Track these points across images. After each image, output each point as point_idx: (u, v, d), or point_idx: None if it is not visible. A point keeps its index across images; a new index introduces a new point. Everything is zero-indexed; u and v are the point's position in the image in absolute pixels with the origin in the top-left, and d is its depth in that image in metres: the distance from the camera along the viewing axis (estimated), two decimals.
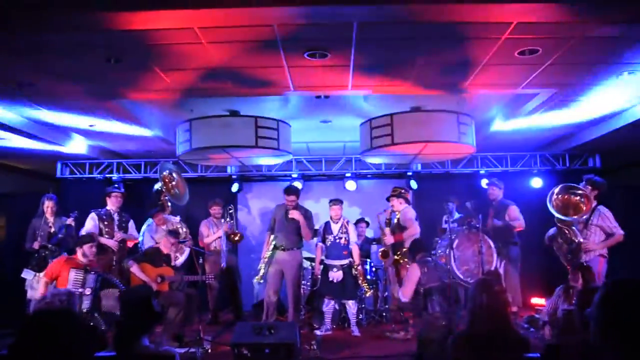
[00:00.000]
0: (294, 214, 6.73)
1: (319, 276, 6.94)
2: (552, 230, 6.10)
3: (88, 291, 5.48)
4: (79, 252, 5.61)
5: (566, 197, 5.78)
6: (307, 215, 6.88)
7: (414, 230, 6.67)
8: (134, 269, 5.97)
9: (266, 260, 6.78)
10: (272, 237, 6.90)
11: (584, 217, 5.79)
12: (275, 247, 6.78)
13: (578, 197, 5.76)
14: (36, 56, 4.52)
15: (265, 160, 7.44)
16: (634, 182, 8.69)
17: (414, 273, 5.35)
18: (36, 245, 6.51)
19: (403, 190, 7.08)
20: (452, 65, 4.96)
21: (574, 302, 5.13)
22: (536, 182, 8.68)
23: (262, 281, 6.91)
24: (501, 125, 7.22)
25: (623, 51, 4.60)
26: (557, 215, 5.70)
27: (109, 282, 5.73)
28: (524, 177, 8.79)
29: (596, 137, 7.42)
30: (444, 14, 3.82)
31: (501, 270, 6.63)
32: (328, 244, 6.86)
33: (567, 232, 5.82)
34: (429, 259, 5.55)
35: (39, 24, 3.84)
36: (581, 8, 3.68)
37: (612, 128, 6.96)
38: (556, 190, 5.82)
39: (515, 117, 6.84)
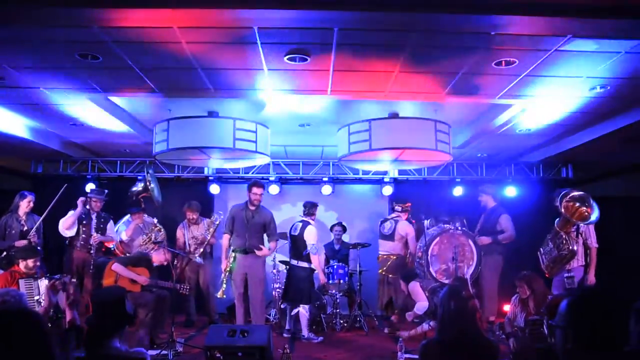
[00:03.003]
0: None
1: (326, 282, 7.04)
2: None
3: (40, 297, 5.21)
4: (22, 264, 5.22)
5: (577, 205, 5.65)
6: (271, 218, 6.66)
7: None
8: (118, 268, 5.99)
9: (227, 273, 6.51)
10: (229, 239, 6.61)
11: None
12: (234, 251, 6.56)
13: (584, 208, 5.64)
14: (9, 49, 4.44)
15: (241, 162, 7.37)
16: (604, 193, 8.86)
17: (414, 286, 6.41)
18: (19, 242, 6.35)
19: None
20: (430, 73, 5.02)
21: (533, 310, 5.19)
22: (511, 191, 8.74)
23: (224, 296, 6.53)
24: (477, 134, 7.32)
25: (597, 66, 4.71)
26: (564, 214, 5.56)
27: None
28: (499, 185, 8.82)
29: (569, 148, 7.54)
30: (423, 23, 3.88)
31: (467, 276, 6.60)
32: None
33: (563, 237, 5.67)
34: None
35: (15, 17, 3.77)
36: (558, 22, 3.77)
37: (585, 140, 7.09)
38: (574, 193, 5.68)
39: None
